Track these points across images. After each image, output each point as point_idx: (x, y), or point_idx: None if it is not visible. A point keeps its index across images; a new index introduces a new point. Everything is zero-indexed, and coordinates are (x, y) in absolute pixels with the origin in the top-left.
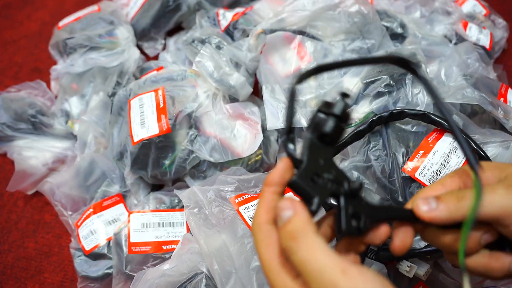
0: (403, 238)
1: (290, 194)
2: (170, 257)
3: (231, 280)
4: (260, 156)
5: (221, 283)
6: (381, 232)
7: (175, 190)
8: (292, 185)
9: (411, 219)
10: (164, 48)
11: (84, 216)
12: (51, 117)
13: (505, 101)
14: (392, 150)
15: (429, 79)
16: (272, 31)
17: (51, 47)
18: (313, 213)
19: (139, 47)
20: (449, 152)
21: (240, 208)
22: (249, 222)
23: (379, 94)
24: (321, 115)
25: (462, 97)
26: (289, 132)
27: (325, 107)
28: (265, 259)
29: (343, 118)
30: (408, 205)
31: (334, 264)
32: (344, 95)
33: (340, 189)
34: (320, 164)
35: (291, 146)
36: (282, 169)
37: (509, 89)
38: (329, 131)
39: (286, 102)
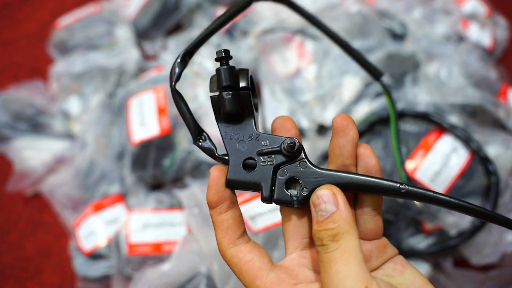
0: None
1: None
2: (170, 257)
3: (231, 281)
4: None
5: (221, 283)
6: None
7: (175, 190)
8: (229, 185)
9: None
10: (164, 48)
11: (84, 216)
12: (51, 117)
13: (506, 100)
14: (392, 150)
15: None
16: (272, 31)
17: (51, 47)
18: (268, 200)
19: (139, 47)
20: (449, 152)
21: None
22: (249, 222)
23: (379, 94)
24: (214, 97)
25: (463, 97)
26: (198, 133)
27: (214, 84)
28: (249, 284)
29: (236, 84)
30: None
31: (363, 277)
32: (221, 59)
33: (280, 157)
34: (247, 146)
35: (206, 145)
36: (215, 183)
37: (510, 89)
38: (231, 108)
39: (176, 104)
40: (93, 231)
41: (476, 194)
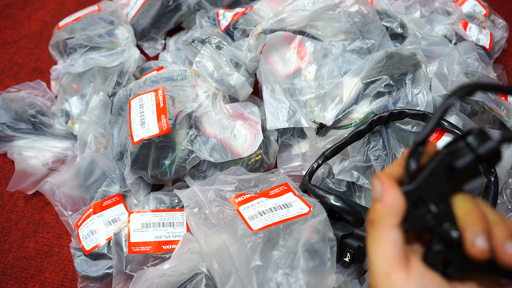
0: None
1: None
2: (170, 257)
3: (231, 280)
4: (260, 156)
5: (221, 282)
6: None
7: (175, 190)
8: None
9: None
10: (164, 48)
11: (84, 216)
12: (51, 117)
13: (506, 100)
14: (392, 150)
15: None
16: (272, 31)
17: (51, 47)
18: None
19: (139, 47)
20: None
21: (240, 208)
22: (249, 222)
23: (379, 94)
24: (463, 144)
25: None
26: (419, 144)
27: (476, 136)
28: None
29: (486, 160)
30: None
31: (383, 264)
32: (505, 140)
33: (437, 228)
34: (432, 192)
35: (412, 160)
36: (393, 167)
37: None
38: (461, 166)
39: (435, 114)
40: (93, 231)
41: (476, 194)
